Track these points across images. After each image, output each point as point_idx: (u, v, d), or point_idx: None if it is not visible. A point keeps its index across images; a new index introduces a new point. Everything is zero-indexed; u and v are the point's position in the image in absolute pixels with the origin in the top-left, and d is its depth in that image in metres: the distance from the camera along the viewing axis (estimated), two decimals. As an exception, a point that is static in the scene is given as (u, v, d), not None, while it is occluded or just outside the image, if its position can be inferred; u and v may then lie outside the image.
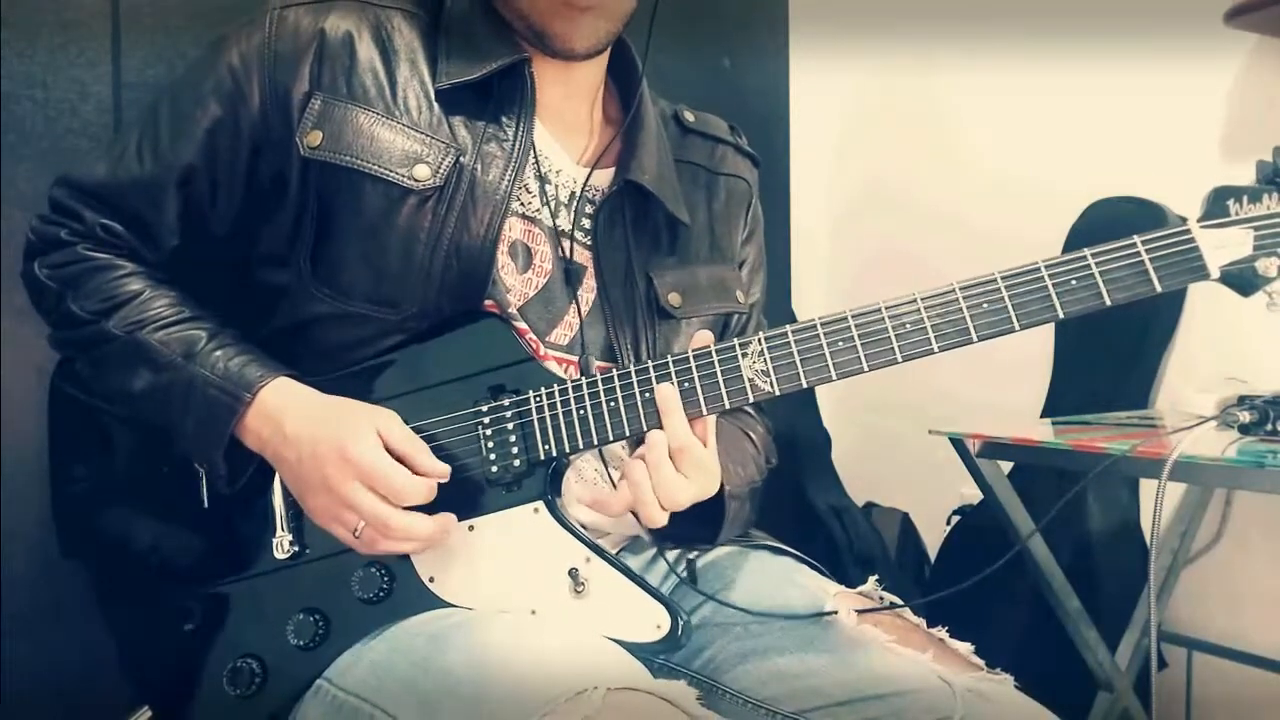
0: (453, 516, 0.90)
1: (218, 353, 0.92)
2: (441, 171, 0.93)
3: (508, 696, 0.76)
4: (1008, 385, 2.04)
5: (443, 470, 0.89)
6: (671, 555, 1.05)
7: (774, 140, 2.50)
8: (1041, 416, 1.93)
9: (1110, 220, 1.83)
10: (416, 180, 0.93)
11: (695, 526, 0.99)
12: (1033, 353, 1.98)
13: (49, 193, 0.98)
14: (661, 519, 0.88)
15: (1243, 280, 0.84)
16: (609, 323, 1.00)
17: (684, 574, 1.02)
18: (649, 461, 0.87)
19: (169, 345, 0.92)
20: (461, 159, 0.94)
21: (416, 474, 0.87)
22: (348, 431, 0.87)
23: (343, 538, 0.89)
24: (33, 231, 0.98)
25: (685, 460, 0.87)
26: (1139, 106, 1.90)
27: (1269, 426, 1.30)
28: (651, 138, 1.06)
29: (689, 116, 1.16)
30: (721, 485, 0.95)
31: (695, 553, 1.06)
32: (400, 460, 0.88)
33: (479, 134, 0.96)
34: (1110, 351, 1.87)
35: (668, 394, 0.87)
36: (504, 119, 0.97)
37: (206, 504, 0.96)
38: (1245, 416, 1.31)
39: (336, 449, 0.86)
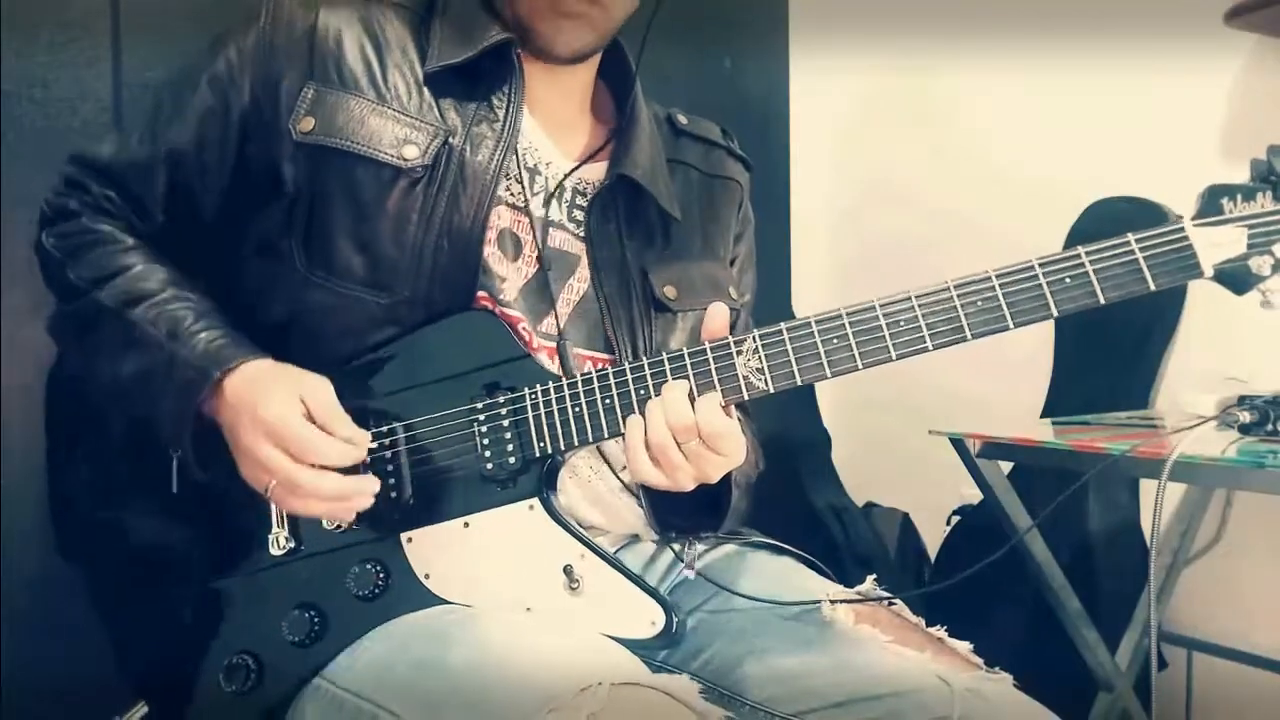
0: (374, 479, 0.90)
1: (200, 334, 0.93)
2: (430, 152, 0.95)
3: (511, 693, 0.76)
4: (1008, 385, 2.04)
5: (361, 436, 0.90)
6: (677, 550, 1.05)
7: (774, 140, 2.51)
8: (1042, 416, 1.93)
9: (1110, 220, 1.83)
10: (405, 160, 0.94)
11: (698, 515, 1.00)
12: (1033, 353, 1.99)
13: (62, 170, 1.01)
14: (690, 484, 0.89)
15: (1236, 278, 0.83)
16: (606, 316, 1.01)
17: (686, 563, 1.03)
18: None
19: (156, 324, 0.93)
20: (450, 140, 0.96)
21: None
22: (261, 393, 0.89)
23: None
24: (46, 203, 1.01)
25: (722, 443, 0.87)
26: (1139, 106, 1.90)
27: (1269, 426, 1.30)
28: (645, 136, 1.07)
29: (682, 120, 1.18)
30: (728, 474, 0.95)
31: (701, 546, 1.06)
32: (321, 427, 0.89)
33: (469, 116, 0.98)
34: (1110, 351, 1.87)
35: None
36: (494, 100, 0.99)
37: (175, 488, 0.95)
38: (1245, 416, 1.31)
39: (249, 410, 0.88)
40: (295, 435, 0.87)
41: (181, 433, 0.91)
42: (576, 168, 1.03)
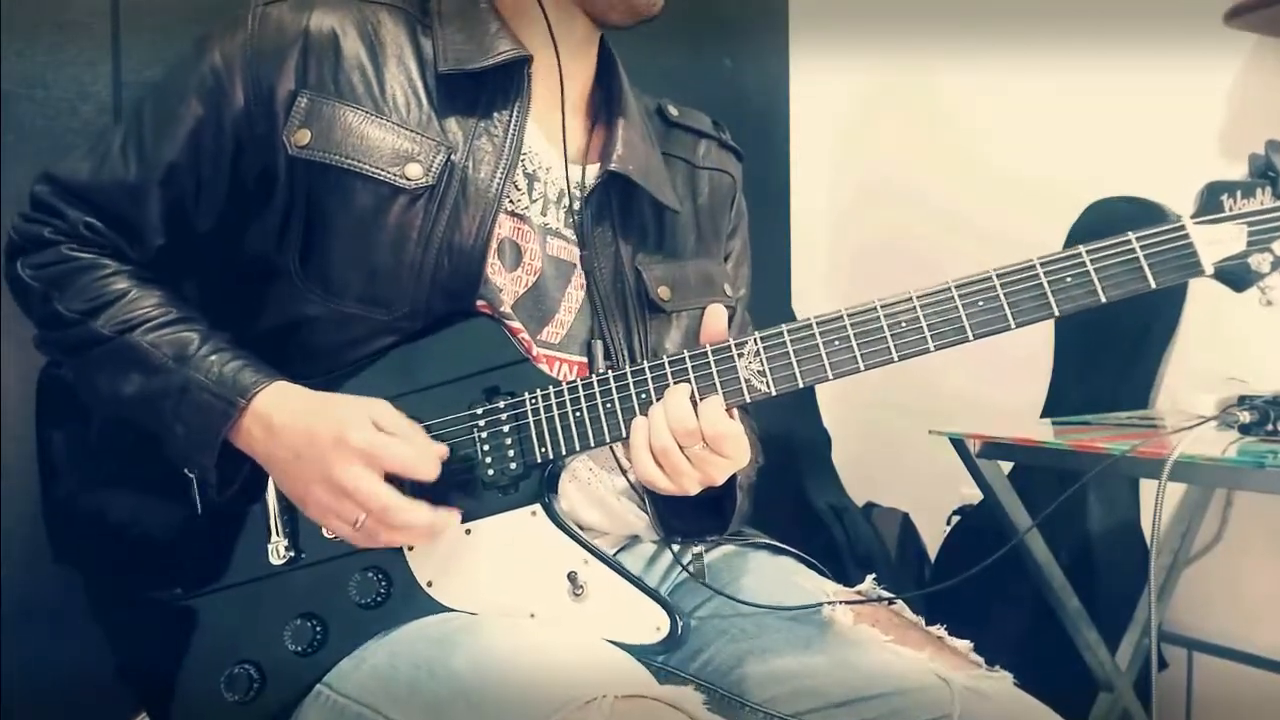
0: (456, 511, 0.89)
1: (212, 357, 0.91)
2: (434, 170, 0.92)
3: (515, 701, 0.76)
4: (1008, 385, 2.04)
5: (441, 448, 0.89)
6: (676, 551, 1.05)
7: (774, 140, 2.50)
8: (1042, 416, 1.93)
9: (1109, 220, 1.83)
10: (408, 179, 0.92)
11: (703, 518, 1.00)
12: (1034, 353, 1.98)
13: (31, 188, 0.96)
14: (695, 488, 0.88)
15: (1236, 276, 0.84)
16: (601, 318, 1.00)
17: (692, 569, 1.02)
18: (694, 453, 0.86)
19: (160, 348, 0.90)
20: (453, 156, 0.93)
21: None
22: (343, 419, 0.86)
23: (341, 531, 0.88)
24: (14, 230, 0.96)
25: (725, 444, 0.86)
26: (1139, 106, 1.90)
27: (1269, 426, 1.30)
28: (636, 131, 1.06)
29: (673, 111, 1.16)
30: (732, 476, 0.95)
31: (702, 547, 1.06)
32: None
33: (470, 130, 0.95)
34: (1110, 351, 1.87)
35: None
36: (496, 115, 0.96)
37: (200, 510, 0.95)
38: (1245, 416, 1.31)
39: (334, 436, 0.85)
40: (395, 453, 0.85)
41: (205, 460, 0.90)
42: (567, 168, 1.01)
